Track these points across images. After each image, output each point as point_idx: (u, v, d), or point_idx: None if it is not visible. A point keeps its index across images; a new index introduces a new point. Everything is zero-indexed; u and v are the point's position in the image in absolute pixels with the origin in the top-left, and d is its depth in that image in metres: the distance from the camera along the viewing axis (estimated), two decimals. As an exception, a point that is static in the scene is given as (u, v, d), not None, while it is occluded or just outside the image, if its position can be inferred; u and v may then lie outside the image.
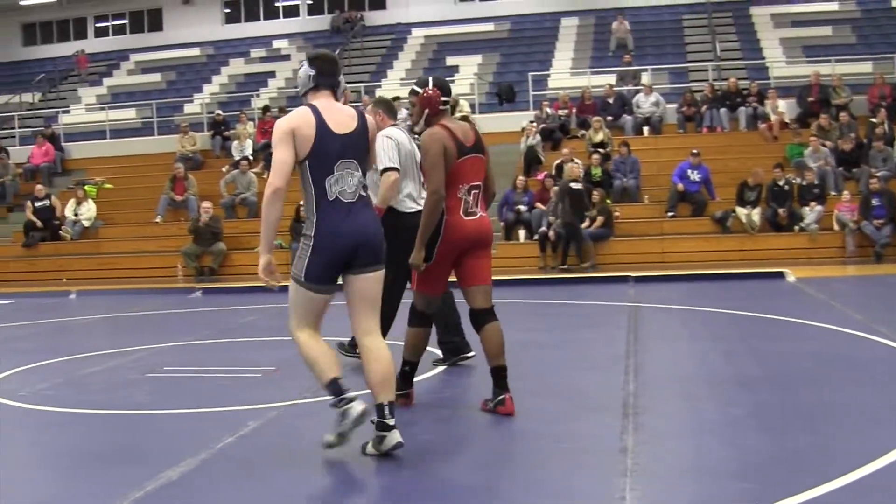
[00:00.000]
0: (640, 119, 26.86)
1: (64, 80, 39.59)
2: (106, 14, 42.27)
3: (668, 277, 19.12)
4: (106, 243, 25.91)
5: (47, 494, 6.42)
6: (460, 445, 7.20)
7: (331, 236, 6.65)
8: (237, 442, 7.34)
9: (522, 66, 32.38)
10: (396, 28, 38.01)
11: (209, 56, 39.14)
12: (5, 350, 13.33)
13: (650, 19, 35.05)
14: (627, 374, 9.31)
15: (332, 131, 6.69)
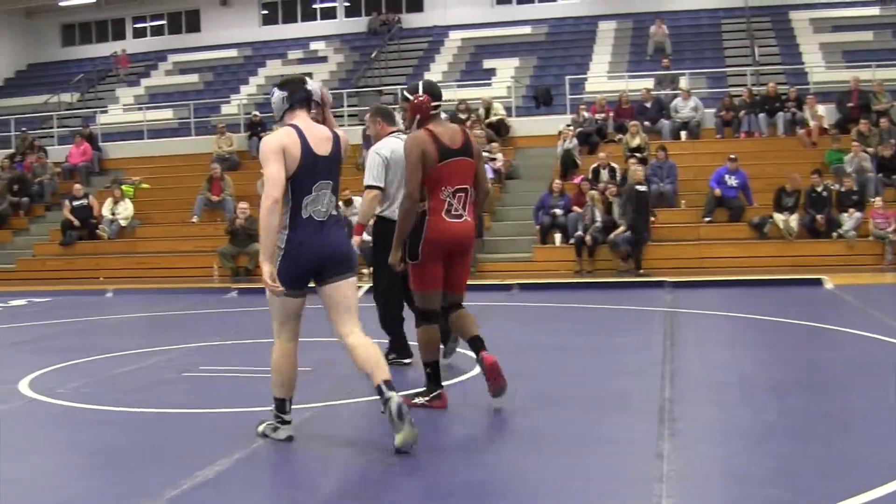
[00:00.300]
0: (677, 123, 26.75)
1: (102, 81, 39.75)
2: (144, 15, 42.42)
3: (705, 283, 19.04)
4: (142, 243, 26.01)
5: (83, 492, 6.43)
6: (492, 448, 7.17)
7: (299, 249, 7.08)
8: (272, 442, 7.33)
9: (560, 70, 32.28)
10: (433, 30, 37.98)
11: (246, 57, 39.22)
12: (42, 348, 13.40)
13: (688, 23, 34.87)
14: (664, 379, 9.27)
15: (314, 153, 7.08)
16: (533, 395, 8.85)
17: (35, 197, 29.32)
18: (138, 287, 22.39)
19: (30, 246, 27.36)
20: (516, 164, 26.33)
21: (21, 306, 19.54)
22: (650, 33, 32.92)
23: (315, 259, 7.12)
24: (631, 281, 19.89)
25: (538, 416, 8.02)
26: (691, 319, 14.28)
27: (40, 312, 18.30)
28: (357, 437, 7.75)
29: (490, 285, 19.78)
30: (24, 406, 9.14)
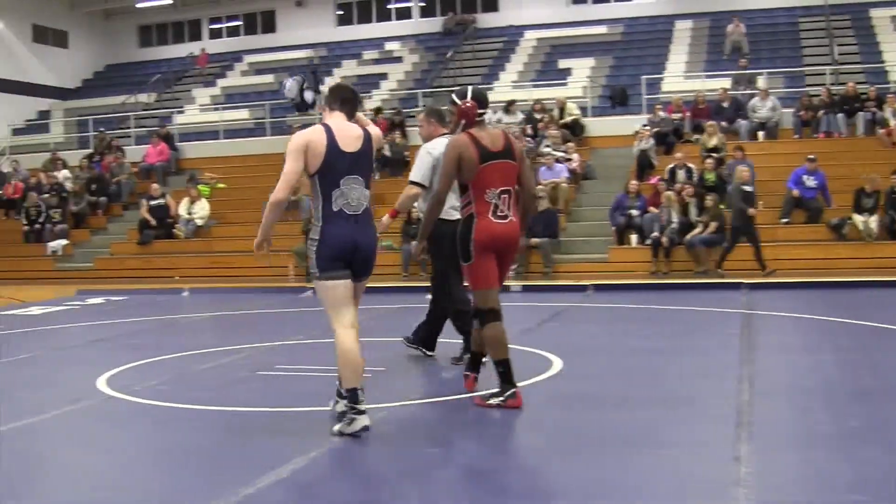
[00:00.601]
0: (755, 123, 26.50)
1: (179, 81, 40.11)
2: (220, 16, 42.76)
3: (782, 285, 18.85)
4: (218, 242, 26.17)
5: (160, 489, 6.47)
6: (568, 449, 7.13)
7: (333, 239, 7.54)
8: (348, 441, 7.34)
9: (636, 70, 32.08)
10: (508, 30, 37.93)
11: (322, 57, 39.37)
12: (120, 346, 13.52)
13: (766, 21, 34.54)
14: (741, 382, 9.18)
15: (341, 150, 7.54)
16: (609, 397, 8.81)
17: (113, 196, 29.62)
18: (214, 286, 22.53)
19: (107, 245, 27.64)
20: (592, 165, 26.22)
21: (99, 305, 19.72)
22: (727, 32, 32.67)
23: (348, 247, 7.53)
24: (707, 282, 19.73)
25: (614, 418, 7.97)
26: (768, 322, 14.14)
27: (118, 311, 18.45)
28: (432, 437, 7.73)
29: (565, 286, 19.72)
30: (102, 403, 9.22)
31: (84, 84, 41.65)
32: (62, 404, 9.11)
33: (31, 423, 8.43)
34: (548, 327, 14.20)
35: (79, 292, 22.13)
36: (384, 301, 13.94)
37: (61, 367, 12.13)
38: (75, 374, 11.26)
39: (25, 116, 38.13)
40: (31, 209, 28.35)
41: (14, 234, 28.63)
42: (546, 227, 22.21)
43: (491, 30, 38.38)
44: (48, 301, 20.51)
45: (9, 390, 10.32)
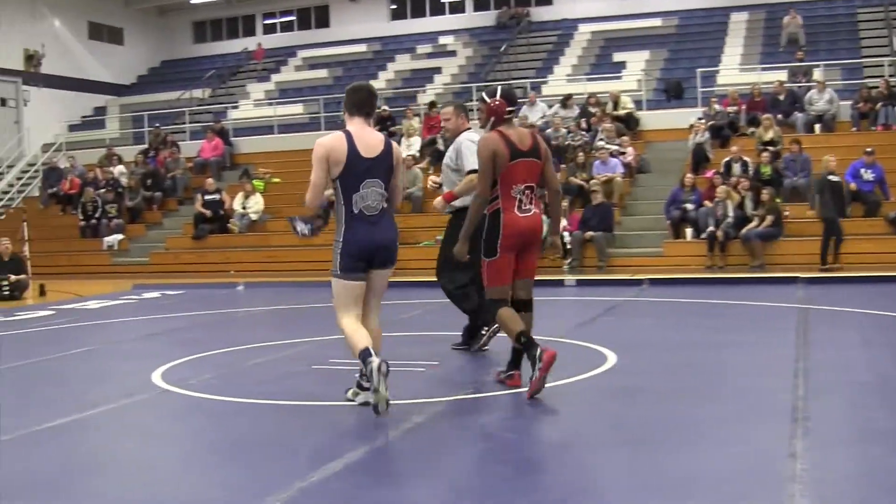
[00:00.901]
0: (811, 116, 26.28)
1: (233, 76, 40.30)
2: (274, 11, 42.97)
3: (839, 279, 18.71)
4: (273, 236, 26.26)
5: (214, 482, 6.49)
6: (627, 444, 7.09)
7: (354, 241, 8.07)
8: (401, 436, 7.35)
9: (691, 62, 31.96)
10: (562, 24, 37.86)
11: (375, 52, 39.47)
12: (175, 339, 13.61)
13: (823, 13, 34.28)
14: (797, 377, 9.10)
15: (360, 155, 8.02)
16: (663, 391, 8.77)
17: (168, 191, 29.82)
18: (269, 280, 22.62)
19: (163, 239, 27.84)
20: (647, 159, 26.12)
21: (154, 299, 19.86)
22: (783, 24, 32.45)
23: (368, 249, 8.08)
24: (764, 276, 19.61)
25: (669, 412, 7.93)
26: (825, 316, 14.02)
27: (173, 305, 18.57)
28: (486, 431, 7.72)
29: (620, 280, 19.67)
30: (157, 397, 9.27)
31: (139, 80, 41.98)
32: (118, 398, 9.17)
33: (88, 415, 8.49)
34: (602, 322, 14.16)
35: (135, 287, 22.32)
36: (432, 296, 13.91)
37: (117, 360, 12.23)
38: (131, 368, 11.34)
39: (81, 113, 38.47)
40: (88, 204, 28.58)
41: (71, 230, 28.90)
42: (601, 220, 22.17)
43: (545, 23, 38.33)
44: (105, 295, 20.69)
45: (67, 383, 10.42)
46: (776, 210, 21.35)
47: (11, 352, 13.11)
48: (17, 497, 6.22)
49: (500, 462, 6.77)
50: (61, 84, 37.56)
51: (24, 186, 33.95)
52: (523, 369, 8.69)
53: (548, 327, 12.27)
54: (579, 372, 9.48)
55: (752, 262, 20.92)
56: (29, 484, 6.49)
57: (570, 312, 15.84)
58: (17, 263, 21.58)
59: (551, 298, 17.04)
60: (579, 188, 23.83)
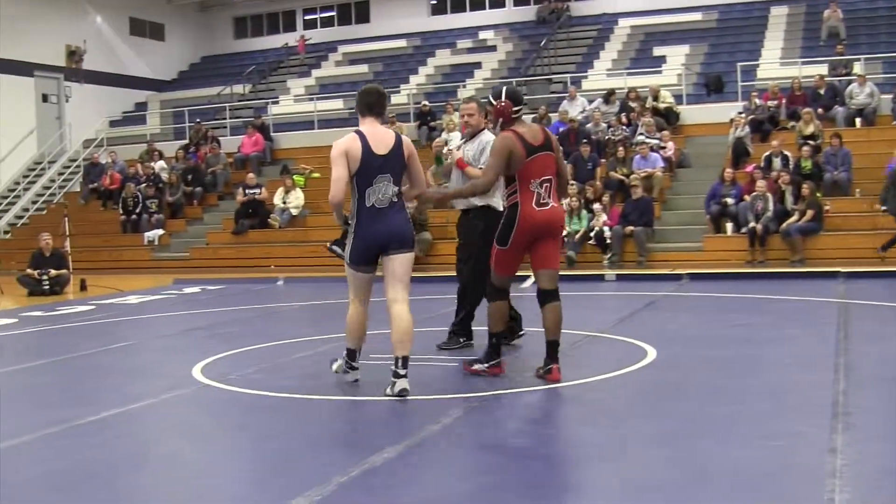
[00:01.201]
0: (852, 110, 26.13)
1: (273, 72, 40.39)
2: (314, 7, 42.99)
3: (880, 274, 18.60)
4: (313, 231, 26.30)
5: (253, 476, 6.53)
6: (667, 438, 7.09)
7: (366, 233, 8.73)
8: (440, 431, 7.37)
9: (731, 56, 31.82)
10: (602, 18, 37.74)
11: (416, 47, 39.46)
12: (216, 334, 13.66)
13: (864, 6, 34.01)
14: (837, 372, 9.07)
15: (373, 152, 8.67)
16: (704, 386, 8.76)
17: (208, 187, 29.92)
18: (308, 275, 22.66)
19: (203, 235, 27.95)
20: (686, 153, 26.05)
21: (194, 294, 19.95)
22: (824, 18, 32.20)
23: (379, 241, 8.73)
24: (804, 271, 19.52)
25: (709, 407, 7.92)
26: (866, 311, 13.95)
27: (213, 300, 18.65)
28: (527, 427, 7.74)
29: (660, 275, 19.62)
30: (198, 391, 9.33)
31: (180, 76, 42.13)
32: (159, 392, 9.23)
33: (130, 409, 8.56)
34: (642, 316, 14.13)
35: (175, 281, 22.41)
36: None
37: (158, 355, 12.32)
38: (172, 363, 11.42)
39: (122, 108, 38.66)
40: (129, 200, 28.72)
41: (112, 225, 29.07)
42: (641, 215, 22.14)
43: (585, 18, 38.21)
44: (145, 290, 20.80)
45: (109, 377, 10.50)
46: (817, 204, 21.25)
47: (54, 346, 13.25)
48: (62, 490, 6.30)
49: (539, 457, 6.78)
50: (103, 80, 37.74)
51: (65, 182, 34.13)
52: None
53: (588, 322, 12.29)
54: (620, 367, 9.49)
55: (793, 256, 20.83)
56: (73, 477, 6.56)
57: (610, 307, 15.82)
58: (58, 259, 21.74)
59: (591, 293, 17.04)
60: (619, 183, 23.80)
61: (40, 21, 35.16)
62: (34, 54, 34.96)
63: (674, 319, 13.79)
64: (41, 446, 7.37)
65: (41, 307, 18.21)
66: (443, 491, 6.05)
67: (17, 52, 34.10)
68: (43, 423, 8.04)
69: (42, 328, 15.40)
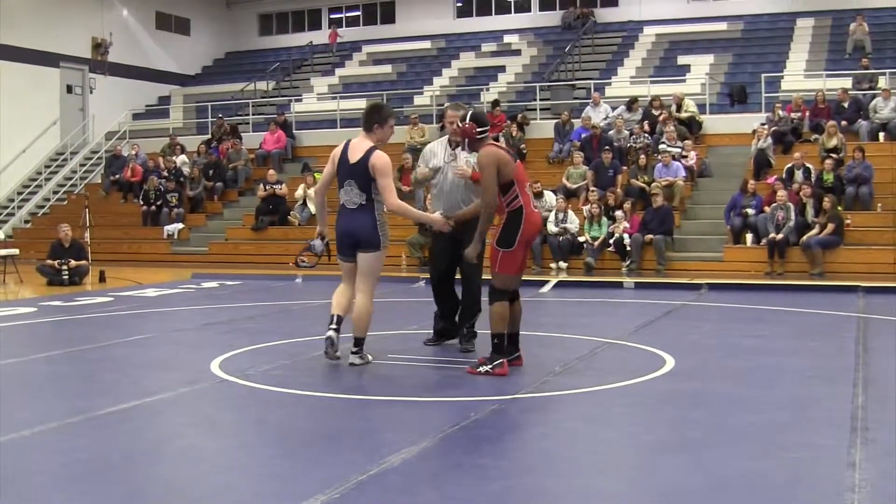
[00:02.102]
0: (876, 124, 26.07)
1: (297, 70, 40.45)
2: (340, 6, 43.05)
3: (900, 289, 18.56)
4: (332, 230, 26.26)
5: (271, 473, 6.53)
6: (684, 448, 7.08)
7: (336, 227, 10.55)
8: (459, 433, 7.38)
9: (755, 67, 31.79)
10: (628, 25, 37.73)
11: (440, 49, 39.50)
12: (234, 330, 13.69)
13: (891, 21, 33.93)
14: (856, 386, 9.06)
15: (347, 161, 10.27)
16: (722, 396, 8.75)
17: (229, 182, 29.99)
18: (327, 274, 22.62)
19: (222, 230, 28.04)
20: (708, 162, 26.02)
21: (213, 289, 19.99)
22: (850, 31, 32.16)
23: (342, 236, 10.45)
24: (823, 284, 19.48)
25: (727, 418, 7.91)
26: (886, 326, 13.91)
27: (232, 295, 18.69)
28: (543, 431, 7.74)
29: (679, 284, 19.59)
30: (216, 386, 9.35)
31: (204, 71, 42.24)
32: (178, 386, 9.26)
33: (149, 402, 8.58)
34: (660, 325, 14.11)
35: (194, 276, 22.47)
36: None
37: (177, 349, 12.34)
38: (190, 357, 11.46)
39: (146, 102, 38.75)
40: (150, 193, 28.80)
41: (133, 217, 29.18)
42: (661, 223, 22.14)
43: (610, 24, 38.20)
44: (164, 283, 20.86)
45: (128, 370, 10.52)
46: (838, 218, 21.21)
47: (73, 336, 13.29)
48: (82, 479, 6.32)
49: (557, 460, 6.79)
50: (127, 73, 37.86)
51: (86, 173, 34.22)
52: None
53: (607, 329, 12.30)
54: (638, 375, 9.49)
55: (812, 269, 20.80)
56: (92, 467, 6.58)
57: (628, 315, 15.80)
58: (77, 249, 21.82)
59: (610, 300, 17.04)
60: (640, 190, 23.80)
61: (67, 12, 35.31)
62: (60, 45, 35.11)
63: (692, 329, 13.77)
64: (61, 436, 7.40)
65: (60, 297, 18.28)
66: (461, 493, 6.06)
67: (43, 42, 34.26)
68: (63, 412, 8.09)
69: (61, 318, 15.45)
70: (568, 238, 22.79)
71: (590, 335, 11.44)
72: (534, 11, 40.22)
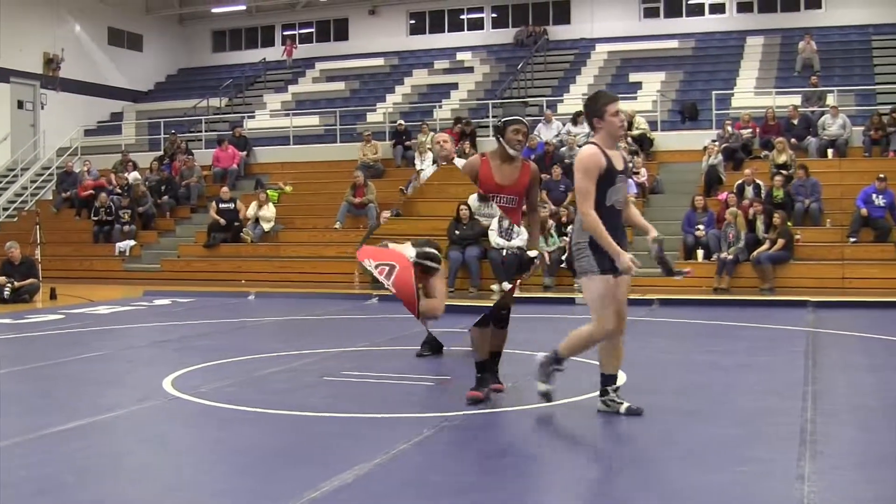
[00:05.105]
0: (824, 141, 26.33)
1: (250, 87, 40.39)
2: (293, 23, 43.01)
3: (849, 304, 18.71)
4: (285, 247, 26.33)
5: (225, 489, 6.54)
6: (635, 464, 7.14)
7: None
8: (412, 449, 7.40)
9: (706, 85, 32.03)
10: (580, 43, 37.91)
11: (393, 66, 39.54)
12: (186, 347, 13.66)
13: (838, 39, 34.32)
14: (805, 400, 9.15)
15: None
16: (673, 411, 8.81)
17: (181, 199, 29.90)
18: (280, 291, 22.67)
19: (175, 247, 27.91)
20: (660, 179, 26.17)
21: (166, 306, 19.92)
22: (799, 49, 32.47)
23: None
24: (773, 300, 19.63)
25: (678, 433, 7.97)
26: (834, 340, 14.05)
27: (184, 312, 18.63)
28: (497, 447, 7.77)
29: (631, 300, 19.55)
30: (168, 404, 9.33)
31: (156, 87, 42.09)
32: (131, 403, 9.25)
33: (101, 420, 8.57)
34: (612, 340, 14.15)
35: (146, 293, 22.36)
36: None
37: (129, 366, 12.30)
38: (142, 374, 11.45)
39: (98, 118, 38.56)
40: (102, 209, 28.66)
41: (84, 234, 29.02)
42: (612, 240, 22.19)
43: (563, 42, 38.37)
44: (116, 301, 20.76)
45: (81, 387, 10.49)
46: (788, 233, 21.38)
47: (24, 354, 13.22)
48: (30, 498, 6.29)
49: (510, 477, 6.81)
50: (79, 88, 37.69)
51: (37, 189, 33.99)
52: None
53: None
54: (590, 390, 9.52)
55: (763, 284, 20.96)
56: (42, 486, 6.54)
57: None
58: (28, 267, 21.65)
59: (563, 316, 17.08)
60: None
61: (18, 27, 35.12)
62: (11, 61, 34.89)
63: (644, 344, 13.82)
64: (13, 454, 7.35)
65: (10, 315, 18.15)
66: (414, 508, 6.10)
67: (-6, 58, 34.10)
68: (14, 431, 8.04)
69: (12, 336, 15.34)
70: (515, 253, 22.59)
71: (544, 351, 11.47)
72: (487, 29, 40.33)
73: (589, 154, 8.45)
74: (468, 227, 21.92)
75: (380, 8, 41.27)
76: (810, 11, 35.92)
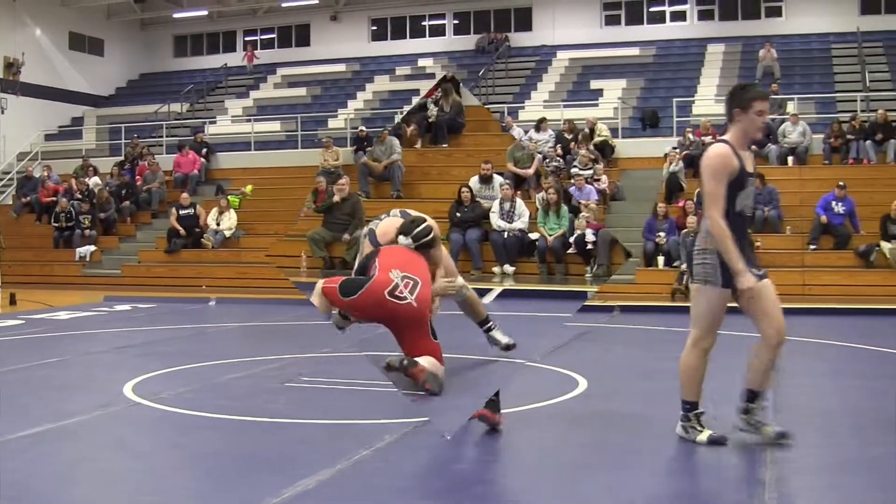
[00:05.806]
0: (785, 149, 26.49)
1: (212, 92, 40.28)
2: (255, 28, 42.95)
3: (809, 311, 18.77)
4: (246, 253, 26.26)
5: (185, 496, 6.52)
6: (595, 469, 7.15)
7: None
8: (373, 455, 7.39)
9: (667, 92, 32.14)
10: (541, 50, 38.00)
11: (354, 72, 39.52)
12: (147, 353, 13.60)
13: (798, 47, 34.56)
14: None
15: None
16: (633, 417, 8.85)
17: (142, 204, 29.76)
18: (241, 296, 22.61)
19: (135, 252, 27.79)
20: (621, 186, 26.23)
21: (126, 311, 19.82)
22: (759, 57, 32.70)
23: None
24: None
25: (638, 438, 8.00)
26: (794, 347, 14.03)
27: (145, 318, 18.55)
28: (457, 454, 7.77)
29: (592, 306, 19.71)
30: (128, 410, 9.29)
31: (118, 92, 41.90)
32: (90, 409, 9.19)
33: (59, 426, 8.50)
34: (574, 347, 14.20)
35: (106, 298, 22.24)
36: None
37: (89, 372, 12.24)
38: (103, 380, 11.38)
39: (59, 122, 38.34)
40: (62, 214, 28.50)
41: (44, 239, 28.86)
42: (573, 246, 22.27)
43: (524, 49, 38.47)
44: (76, 306, 20.63)
45: (38, 393, 10.40)
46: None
47: (-17, 360, 13.11)
48: None
49: (472, 483, 6.81)
50: (40, 93, 37.47)
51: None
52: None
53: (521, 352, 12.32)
54: (550, 396, 9.54)
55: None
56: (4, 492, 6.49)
57: (541, 337, 15.88)
58: (-12, 272, 21.56)
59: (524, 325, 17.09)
60: (554, 213, 23.93)
61: (-23, 32, 34.94)
62: (-29, 65, 34.73)
63: (605, 350, 13.90)
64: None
65: (-30, 320, 18.04)
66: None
67: (-48, 62, 33.89)
68: (-26, 436, 8.00)
69: (-29, 342, 15.26)
70: (516, 235, 22.56)
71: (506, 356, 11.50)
72: (448, 35, 40.39)
73: (718, 154, 7.87)
74: (469, 210, 21.86)
75: (341, 14, 41.27)
76: (771, 19, 36.19)
